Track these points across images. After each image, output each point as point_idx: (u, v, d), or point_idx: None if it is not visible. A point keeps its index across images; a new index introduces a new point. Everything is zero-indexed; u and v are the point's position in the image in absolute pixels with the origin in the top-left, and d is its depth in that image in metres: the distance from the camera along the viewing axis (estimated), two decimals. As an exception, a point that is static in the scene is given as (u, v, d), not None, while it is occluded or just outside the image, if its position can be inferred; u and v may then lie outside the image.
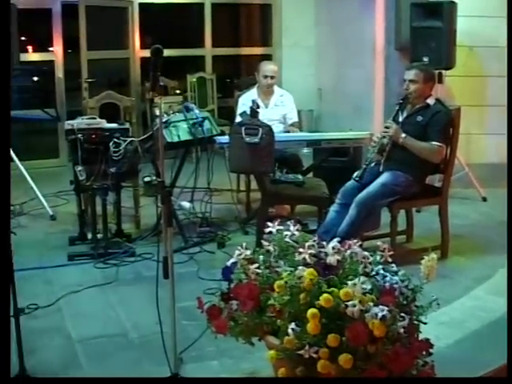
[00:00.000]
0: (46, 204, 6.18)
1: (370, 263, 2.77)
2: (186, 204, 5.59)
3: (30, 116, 4.09)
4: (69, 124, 5.04)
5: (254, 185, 5.71)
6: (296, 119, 6.32)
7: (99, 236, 5.09)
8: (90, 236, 5.20)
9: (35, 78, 8.57)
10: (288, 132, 6.05)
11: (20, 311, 3.11)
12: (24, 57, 7.32)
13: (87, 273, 4.74)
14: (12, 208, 5.72)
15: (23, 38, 8.14)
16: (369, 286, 2.61)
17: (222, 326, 2.85)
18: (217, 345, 3.39)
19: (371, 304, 2.56)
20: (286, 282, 2.66)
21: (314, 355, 2.53)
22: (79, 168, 4.91)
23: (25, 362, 3.20)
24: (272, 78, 6.13)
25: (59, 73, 8.27)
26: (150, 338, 3.65)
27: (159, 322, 3.16)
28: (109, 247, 5.01)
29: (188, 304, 3.47)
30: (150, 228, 5.47)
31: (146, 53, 8.49)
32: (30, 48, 9.03)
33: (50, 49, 8.53)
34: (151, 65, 3.05)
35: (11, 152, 6.09)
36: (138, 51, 8.79)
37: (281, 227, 2.97)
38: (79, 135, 4.93)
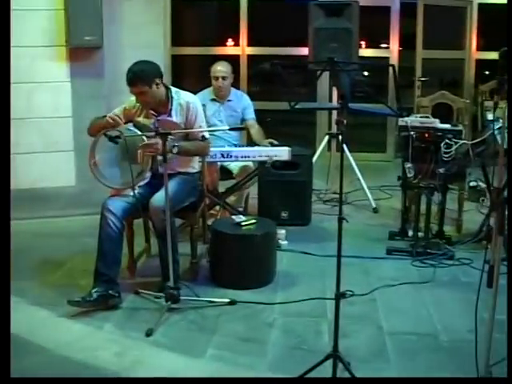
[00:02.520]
0: (370, 196, 6.37)
1: None
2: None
3: (372, 109, 4.23)
4: (403, 121, 5.10)
5: None
6: None
7: (420, 234, 5.11)
8: (410, 233, 5.24)
9: (366, 73, 8.81)
10: None
11: (341, 295, 3.23)
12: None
13: (404, 269, 4.79)
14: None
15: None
16: None
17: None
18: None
19: None
20: None
21: None
22: (408, 165, 4.96)
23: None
24: None
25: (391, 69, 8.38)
26: (461, 344, 3.60)
27: (475, 330, 3.08)
28: (428, 247, 5.00)
29: (504, 317, 3.35)
30: (471, 233, 5.35)
31: (483, 55, 8.41)
32: (362, 43, 9.29)
33: (384, 45, 8.69)
34: (498, 68, 2.98)
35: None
36: (474, 53, 8.62)
37: None
38: (412, 132, 4.98)
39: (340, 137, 5.91)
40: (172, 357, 3.55)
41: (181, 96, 4.46)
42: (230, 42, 9.12)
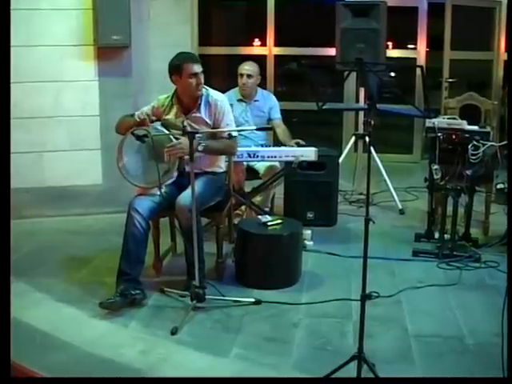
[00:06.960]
0: (396, 198, 6.33)
1: None
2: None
3: (399, 110, 4.23)
4: (430, 122, 5.08)
5: None
6: None
7: (446, 237, 5.07)
8: (436, 235, 5.22)
9: (393, 74, 8.76)
10: None
11: (367, 297, 3.22)
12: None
13: (429, 271, 4.77)
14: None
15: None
16: None
17: None
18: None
19: None
20: None
21: None
22: (435, 166, 4.93)
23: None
24: None
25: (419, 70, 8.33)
26: (487, 347, 3.57)
27: (501, 333, 3.05)
28: (454, 249, 4.97)
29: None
30: (498, 236, 5.31)
31: (512, 56, 8.32)
32: (389, 44, 9.24)
33: (410, 46, 8.64)
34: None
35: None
36: (502, 54, 8.54)
37: None
38: (439, 134, 4.96)
39: (367, 138, 5.95)
40: (197, 355, 3.56)
41: (209, 93, 4.48)
42: (256, 41, 9.12)
